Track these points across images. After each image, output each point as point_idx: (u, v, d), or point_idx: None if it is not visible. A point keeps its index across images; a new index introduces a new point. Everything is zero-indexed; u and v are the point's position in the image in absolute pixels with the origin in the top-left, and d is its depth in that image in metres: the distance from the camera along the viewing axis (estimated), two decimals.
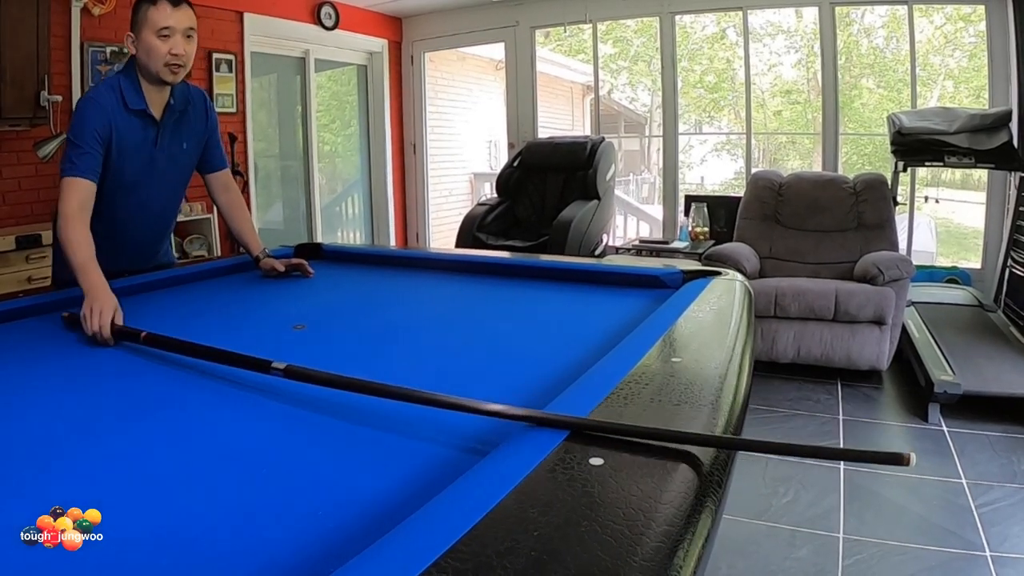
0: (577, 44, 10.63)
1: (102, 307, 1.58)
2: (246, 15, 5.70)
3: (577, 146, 5.71)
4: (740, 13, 6.08)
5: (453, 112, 8.52)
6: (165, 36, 2.01)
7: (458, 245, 5.41)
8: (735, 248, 4.54)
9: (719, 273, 1.96)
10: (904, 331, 4.15)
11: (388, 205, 7.36)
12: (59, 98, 4.33)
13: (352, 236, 7.50)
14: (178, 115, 2.19)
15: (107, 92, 2.07)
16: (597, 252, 5.35)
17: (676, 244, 5.19)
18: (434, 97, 7.71)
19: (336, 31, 6.46)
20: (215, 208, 5.14)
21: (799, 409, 3.68)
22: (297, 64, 6.47)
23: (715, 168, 11.78)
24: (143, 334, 1.50)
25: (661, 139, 6.16)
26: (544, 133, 6.92)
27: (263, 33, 5.90)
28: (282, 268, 2.28)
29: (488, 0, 6.49)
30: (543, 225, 5.42)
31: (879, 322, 3.95)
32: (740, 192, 10.45)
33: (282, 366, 1.18)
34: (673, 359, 1.29)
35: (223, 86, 5.57)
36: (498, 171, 8.35)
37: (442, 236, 7.84)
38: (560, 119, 10.09)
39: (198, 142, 2.30)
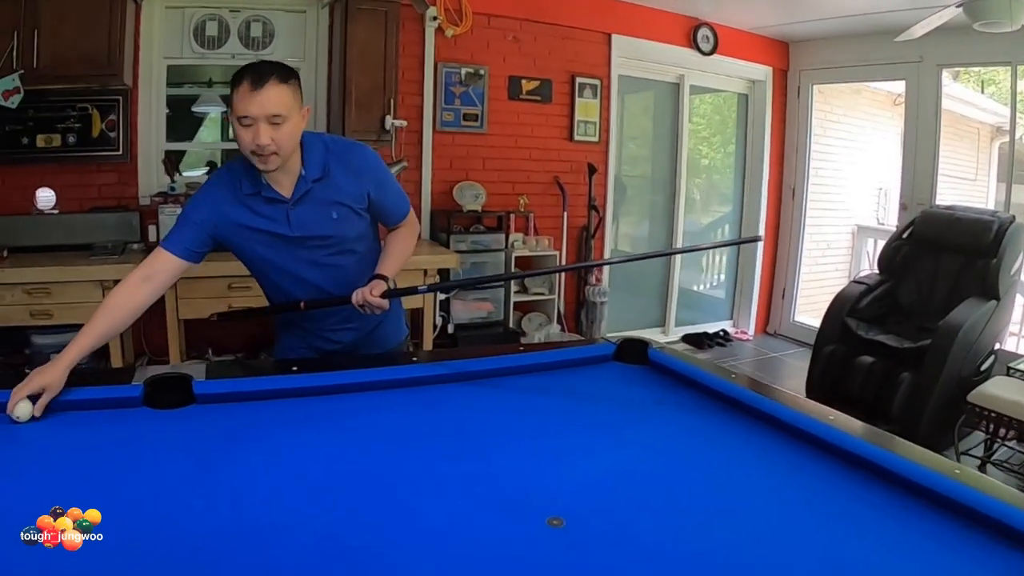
0: (988, 75, 9.09)
1: (43, 381, 1.53)
2: (614, 37, 5.49)
3: (981, 225, 4.62)
4: None
5: (840, 152, 7.25)
6: (247, 124, 1.77)
7: (823, 327, 4.69)
8: None
9: None
10: None
11: (756, 254, 6.76)
12: (404, 123, 4.47)
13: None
14: (313, 185, 1.95)
15: (227, 178, 1.96)
16: (984, 367, 4.36)
17: None
18: (820, 135, 6.74)
19: (714, 56, 5.99)
20: (562, 246, 5.07)
21: None
22: (669, 89, 6.13)
23: None
24: (302, 304, 2.02)
25: None
26: (942, 182, 5.76)
27: (631, 56, 5.67)
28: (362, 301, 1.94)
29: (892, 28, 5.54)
30: (928, 317, 4.46)
31: None
32: None
33: None
34: None
35: (585, 112, 5.40)
36: (885, 225, 7.31)
37: (811, 295, 6.87)
38: (961, 165, 8.51)
39: (352, 203, 2.01)
